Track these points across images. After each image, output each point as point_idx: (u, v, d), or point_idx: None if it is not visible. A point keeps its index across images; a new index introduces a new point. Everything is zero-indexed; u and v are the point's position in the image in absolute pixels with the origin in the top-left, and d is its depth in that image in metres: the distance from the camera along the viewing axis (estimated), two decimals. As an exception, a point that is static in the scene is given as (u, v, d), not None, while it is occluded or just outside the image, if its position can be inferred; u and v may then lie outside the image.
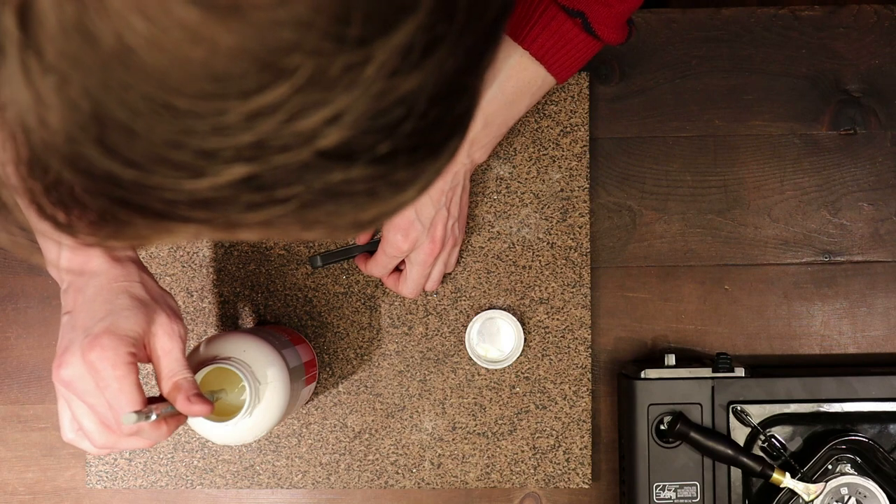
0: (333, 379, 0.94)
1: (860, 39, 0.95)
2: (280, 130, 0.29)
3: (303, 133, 0.29)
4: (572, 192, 0.94)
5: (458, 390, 0.94)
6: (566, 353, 0.93)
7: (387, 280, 0.90)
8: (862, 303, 0.95)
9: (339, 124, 0.30)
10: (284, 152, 0.30)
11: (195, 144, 0.29)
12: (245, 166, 0.30)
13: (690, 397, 0.87)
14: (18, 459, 0.95)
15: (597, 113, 0.95)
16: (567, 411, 0.93)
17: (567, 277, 0.93)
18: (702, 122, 0.95)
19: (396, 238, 0.84)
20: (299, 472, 0.94)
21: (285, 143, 0.30)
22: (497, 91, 0.81)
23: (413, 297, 0.90)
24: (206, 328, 0.94)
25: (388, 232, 0.84)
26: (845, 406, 0.87)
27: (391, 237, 0.84)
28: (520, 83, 0.81)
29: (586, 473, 0.93)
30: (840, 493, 0.84)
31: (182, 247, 0.94)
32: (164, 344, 0.70)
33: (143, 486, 0.94)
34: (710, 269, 0.95)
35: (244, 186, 0.31)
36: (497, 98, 0.81)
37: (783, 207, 0.95)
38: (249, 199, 0.31)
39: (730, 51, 0.95)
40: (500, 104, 0.82)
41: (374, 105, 0.30)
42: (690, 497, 0.87)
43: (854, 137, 0.95)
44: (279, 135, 0.29)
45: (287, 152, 0.30)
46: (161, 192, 0.30)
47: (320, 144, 0.30)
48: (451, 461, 0.93)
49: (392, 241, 0.84)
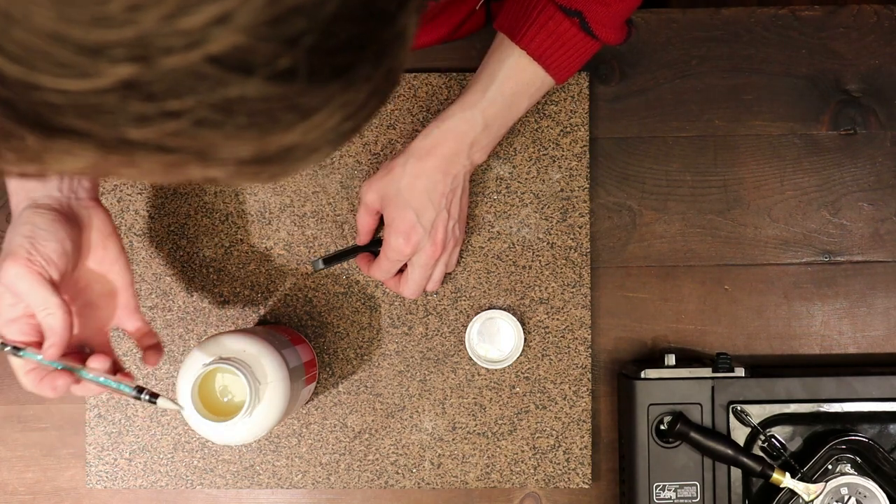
0: (333, 379, 0.94)
1: (860, 39, 0.95)
2: (163, 27, 0.28)
3: (189, 32, 0.28)
4: (572, 192, 0.94)
5: (458, 390, 0.94)
6: (566, 353, 0.93)
7: (388, 281, 0.90)
8: (862, 303, 0.95)
9: (228, 26, 0.28)
10: (171, 54, 0.28)
11: (76, 37, 0.28)
12: (130, 66, 0.28)
13: (690, 397, 0.87)
14: (18, 459, 0.95)
15: (597, 113, 0.95)
16: (567, 411, 0.93)
17: (567, 277, 0.93)
18: (702, 122, 0.95)
19: (399, 242, 0.83)
20: (299, 472, 0.94)
21: (171, 45, 0.28)
22: (496, 93, 0.81)
23: (414, 297, 0.90)
24: (206, 328, 0.94)
25: (390, 236, 0.84)
26: (845, 406, 0.87)
27: (393, 241, 0.84)
28: (518, 84, 0.81)
29: (586, 473, 0.93)
30: (840, 493, 0.84)
31: (182, 247, 0.94)
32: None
33: (143, 486, 0.94)
34: (710, 269, 0.95)
35: (131, 93, 0.29)
36: (496, 100, 0.81)
37: (783, 207, 0.95)
38: (138, 110, 0.30)
39: (730, 51, 0.95)
40: (499, 106, 0.82)
41: (268, 10, 0.28)
42: (690, 497, 0.87)
43: (854, 137, 0.95)
44: (163, 32, 0.28)
45: (174, 55, 0.28)
46: (45, 94, 0.29)
47: (210, 49, 0.28)
48: (451, 461, 0.93)
49: (394, 246, 0.84)
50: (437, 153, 0.82)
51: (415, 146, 0.83)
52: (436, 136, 0.82)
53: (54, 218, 0.71)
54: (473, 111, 0.81)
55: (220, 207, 0.94)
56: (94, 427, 0.94)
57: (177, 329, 0.94)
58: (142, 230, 0.94)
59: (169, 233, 0.94)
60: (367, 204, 0.87)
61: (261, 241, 0.94)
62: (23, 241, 0.69)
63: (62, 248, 0.70)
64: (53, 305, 0.68)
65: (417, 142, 0.83)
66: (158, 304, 0.94)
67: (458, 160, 0.83)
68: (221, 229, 0.94)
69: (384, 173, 0.84)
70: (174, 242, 0.94)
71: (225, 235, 0.94)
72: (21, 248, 0.68)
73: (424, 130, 0.83)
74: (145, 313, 0.94)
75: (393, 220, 0.83)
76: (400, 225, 0.83)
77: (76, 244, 0.72)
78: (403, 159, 0.83)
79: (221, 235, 0.94)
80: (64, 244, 0.70)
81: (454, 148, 0.82)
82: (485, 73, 0.82)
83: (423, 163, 0.82)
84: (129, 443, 0.94)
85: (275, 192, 0.94)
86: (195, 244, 0.94)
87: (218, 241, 0.94)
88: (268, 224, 0.94)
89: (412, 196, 0.82)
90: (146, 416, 0.94)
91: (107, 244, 0.75)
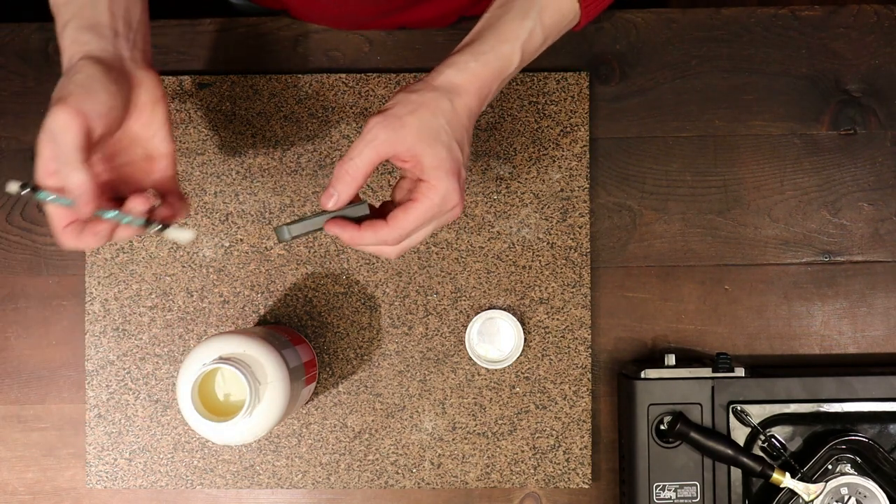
0: (333, 379, 0.94)
1: (860, 39, 0.95)
2: None
3: None
4: (572, 192, 0.94)
5: (458, 390, 0.94)
6: (566, 353, 0.93)
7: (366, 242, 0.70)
8: (862, 303, 0.95)
9: None
10: None
11: None
12: None
13: (690, 397, 0.87)
14: (18, 459, 0.95)
15: (597, 113, 0.95)
16: (567, 411, 0.93)
17: (567, 277, 0.93)
18: (702, 122, 0.95)
19: (451, 184, 0.68)
20: (299, 472, 0.94)
21: None
22: (535, 24, 0.72)
23: (395, 258, 0.77)
24: (206, 328, 0.94)
25: (439, 180, 0.68)
26: (845, 406, 0.87)
27: (444, 185, 0.68)
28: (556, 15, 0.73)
29: (586, 473, 0.93)
30: (840, 493, 0.84)
31: (182, 247, 0.94)
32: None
33: (143, 486, 0.94)
34: (710, 269, 0.95)
35: None
36: (536, 34, 0.72)
37: (783, 207, 0.95)
38: None
39: (730, 51, 0.95)
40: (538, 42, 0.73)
41: None
42: (690, 497, 0.87)
43: (854, 137, 0.95)
44: None
45: None
46: None
47: None
48: (451, 461, 0.93)
49: (444, 191, 0.68)
50: (473, 91, 0.70)
51: (449, 80, 0.70)
52: (473, 70, 0.70)
53: (109, 71, 0.69)
54: (513, 45, 0.71)
55: (220, 207, 0.94)
56: (94, 427, 0.94)
57: (177, 329, 0.94)
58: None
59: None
60: (388, 142, 0.68)
61: (261, 241, 0.94)
62: (75, 88, 0.67)
63: (113, 102, 0.68)
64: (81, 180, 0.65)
65: (451, 75, 0.70)
66: (158, 304, 0.94)
67: (486, 101, 0.72)
68: (221, 229, 0.94)
69: (414, 107, 0.68)
70: (174, 242, 0.94)
71: (225, 235, 0.94)
72: (72, 96, 0.66)
73: (454, 61, 0.71)
74: (145, 313, 0.94)
75: (440, 160, 0.68)
76: (451, 166, 0.68)
77: (126, 101, 0.70)
78: (436, 94, 0.69)
79: (221, 235, 0.94)
80: (115, 98, 0.68)
81: (489, 86, 0.71)
82: (518, 3, 0.72)
83: (462, 99, 0.70)
84: (129, 443, 0.94)
85: (275, 192, 0.94)
86: (195, 244, 0.94)
87: (218, 241, 0.94)
88: (268, 224, 0.94)
89: (461, 134, 0.69)
90: (146, 416, 0.94)
91: (155, 108, 0.73)
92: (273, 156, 0.94)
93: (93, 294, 0.94)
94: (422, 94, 0.69)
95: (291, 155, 0.94)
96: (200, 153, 0.94)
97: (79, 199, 0.66)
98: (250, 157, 0.94)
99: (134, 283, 0.94)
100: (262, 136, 0.94)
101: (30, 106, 0.96)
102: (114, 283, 0.94)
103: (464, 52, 0.71)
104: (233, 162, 0.94)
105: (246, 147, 0.94)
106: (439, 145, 0.68)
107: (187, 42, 0.96)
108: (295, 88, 0.94)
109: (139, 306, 0.94)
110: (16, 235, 0.95)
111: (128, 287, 0.94)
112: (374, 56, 0.96)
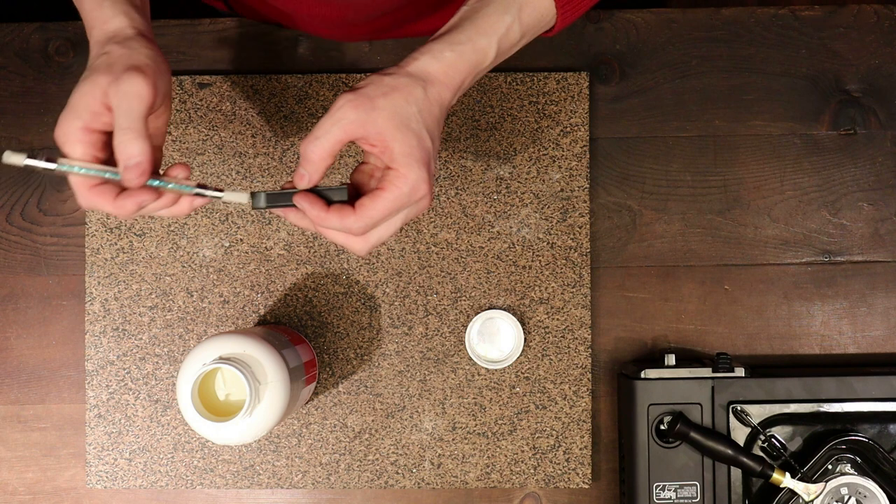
0: (333, 379, 0.94)
1: (860, 39, 0.95)
2: None
3: None
4: (572, 192, 0.94)
5: (458, 390, 0.94)
6: (566, 353, 0.93)
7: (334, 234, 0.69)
8: (862, 303, 0.95)
9: None
10: None
11: None
12: None
13: (690, 397, 0.87)
14: (18, 459, 0.95)
15: (597, 113, 0.95)
16: (567, 411, 0.93)
17: (567, 277, 0.93)
18: (702, 122, 0.95)
19: (420, 174, 0.66)
20: (299, 472, 0.94)
21: None
22: (514, 20, 0.70)
23: (365, 254, 0.74)
24: (206, 328, 0.94)
25: (408, 168, 0.66)
26: (845, 406, 0.87)
27: (413, 174, 0.66)
28: (534, 13, 0.72)
29: (586, 473, 0.93)
30: (840, 493, 0.84)
31: (182, 247, 0.94)
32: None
33: (143, 486, 0.94)
34: (710, 269, 0.95)
35: None
36: (514, 31, 0.71)
37: (783, 207, 0.95)
38: None
39: (730, 51, 0.95)
40: (514, 38, 0.71)
41: None
42: (690, 497, 0.87)
43: (854, 137, 0.95)
44: None
45: None
46: None
47: None
48: (451, 461, 0.93)
49: (412, 179, 0.66)
50: (446, 81, 0.68)
51: (423, 67, 0.68)
52: (448, 60, 0.68)
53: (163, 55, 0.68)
54: (490, 39, 0.69)
55: (220, 207, 0.94)
56: (94, 427, 0.94)
57: (177, 329, 0.94)
58: (142, 230, 0.94)
59: (169, 233, 0.94)
60: (357, 123, 0.66)
61: (261, 241, 0.94)
62: (148, 61, 0.65)
63: (168, 87, 0.68)
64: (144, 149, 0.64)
65: (426, 62, 0.68)
66: (158, 304, 0.94)
67: (458, 93, 0.70)
68: (221, 229, 0.94)
69: (387, 90, 0.66)
70: (174, 242, 0.94)
71: (225, 235, 0.94)
72: (149, 69, 0.65)
73: (430, 48, 0.69)
74: (145, 313, 0.94)
75: (411, 147, 0.66)
76: (421, 155, 0.66)
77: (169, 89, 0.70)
78: (410, 80, 0.67)
79: (221, 235, 0.94)
80: (169, 84, 0.68)
81: (463, 78, 0.69)
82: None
83: (435, 88, 0.68)
84: (129, 443, 0.94)
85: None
86: (195, 244, 0.94)
87: (218, 241, 0.94)
88: (268, 224, 0.94)
89: (431, 124, 0.67)
90: (146, 416, 0.94)
91: (164, 103, 0.70)
92: (273, 156, 0.94)
93: (93, 294, 0.94)
94: (395, 77, 0.67)
95: (291, 155, 0.94)
96: (200, 153, 0.95)
97: (134, 169, 0.63)
98: (250, 157, 0.94)
99: (134, 283, 0.94)
100: (262, 136, 0.94)
101: (30, 106, 0.96)
102: (114, 283, 0.94)
103: (440, 40, 0.69)
104: (233, 162, 0.94)
105: (246, 147, 0.94)
106: (410, 133, 0.66)
107: (187, 42, 0.96)
108: (295, 88, 0.95)
109: (139, 306, 0.94)
110: (16, 235, 0.95)
111: (128, 287, 0.94)
112: (373, 56, 0.96)
